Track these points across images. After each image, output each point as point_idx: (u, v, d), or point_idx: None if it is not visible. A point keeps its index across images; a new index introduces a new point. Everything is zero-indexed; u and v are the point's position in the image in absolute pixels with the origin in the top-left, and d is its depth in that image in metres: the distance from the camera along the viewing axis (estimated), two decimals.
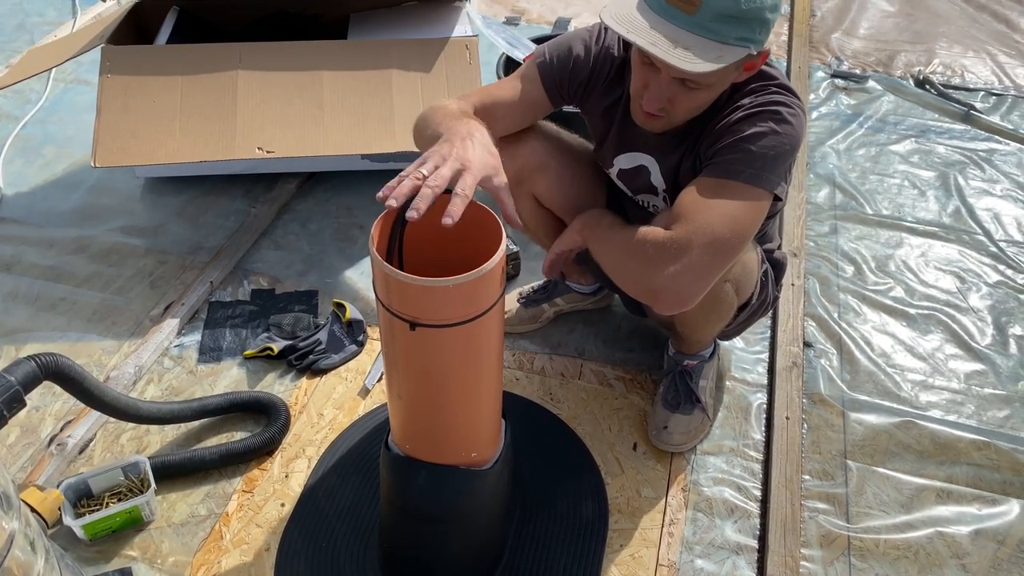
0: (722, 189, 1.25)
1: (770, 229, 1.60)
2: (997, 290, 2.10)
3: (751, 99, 1.30)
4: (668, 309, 1.27)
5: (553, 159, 1.57)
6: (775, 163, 1.26)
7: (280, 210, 2.28)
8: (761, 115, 1.27)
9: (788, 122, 1.27)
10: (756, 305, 1.59)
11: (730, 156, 1.27)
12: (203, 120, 2.03)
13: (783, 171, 1.27)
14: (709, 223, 1.23)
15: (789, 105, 1.29)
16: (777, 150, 1.25)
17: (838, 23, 3.32)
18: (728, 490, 1.62)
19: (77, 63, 2.18)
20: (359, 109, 2.10)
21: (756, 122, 1.27)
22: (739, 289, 1.50)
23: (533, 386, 1.81)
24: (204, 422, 1.70)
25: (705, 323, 1.59)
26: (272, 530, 1.51)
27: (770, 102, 1.28)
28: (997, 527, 1.57)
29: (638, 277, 1.29)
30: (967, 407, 1.80)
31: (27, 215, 2.25)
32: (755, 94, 1.30)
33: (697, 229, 1.23)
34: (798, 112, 1.29)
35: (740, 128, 1.27)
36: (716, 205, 1.24)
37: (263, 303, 1.99)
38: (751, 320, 1.66)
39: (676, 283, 1.24)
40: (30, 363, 1.28)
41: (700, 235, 1.23)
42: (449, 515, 1.32)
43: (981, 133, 2.69)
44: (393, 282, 1.05)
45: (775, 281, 1.63)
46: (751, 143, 1.25)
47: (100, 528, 1.47)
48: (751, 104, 1.29)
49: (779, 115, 1.27)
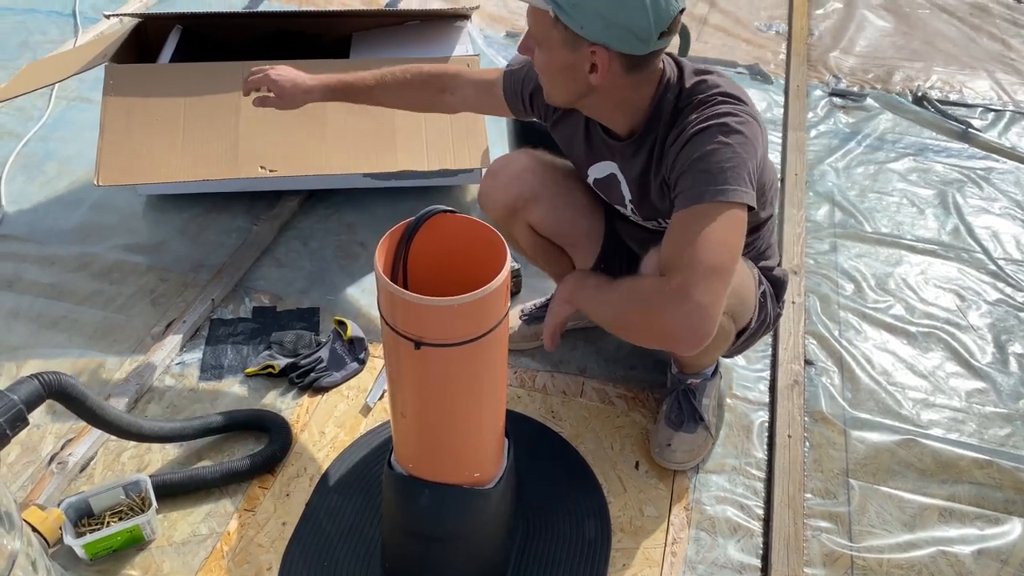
0: (695, 218, 1.27)
1: (766, 246, 1.60)
2: (997, 308, 2.10)
3: (697, 114, 1.31)
4: (691, 349, 1.26)
5: (546, 188, 1.59)
6: (735, 175, 1.26)
7: (282, 228, 2.28)
8: (709, 131, 1.28)
9: (737, 131, 1.28)
10: (756, 327, 1.59)
11: (691, 181, 1.28)
12: (206, 139, 2.04)
13: (745, 179, 1.27)
14: (698, 256, 1.24)
15: (735, 113, 1.29)
16: (733, 161, 1.26)
17: (836, 42, 3.35)
18: (731, 509, 1.61)
19: (80, 80, 2.19)
20: (361, 128, 2.11)
21: (706, 140, 1.28)
22: (736, 317, 1.51)
23: (535, 404, 1.81)
24: (205, 440, 1.69)
25: (704, 354, 1.59)
26: (274, 549, 1.51)
27: (716, 115, 1.29)
28: (1000, 546, 1.56)
29: (649, 327, 1.29)
30: (968, 425, 1.80)
31: (29, 232, 2.25)
32: (701, 107, 1.31)
33: (690, 265, 1.24)
34: (746, 117, 1.30)
35: (693, 150, 1.29)
36: (697, 235, 1.25)
37: (264, 321, 1.99)
38: (752, 340, 1.66)
39: (691, 322, 1.24)
40: (33, 382, 1.28)
41: (695, 271, 1.23)
42: (452, 535, 1.32)
43: (979, 152, 2.70)
44: (398, 301, 1.05)
45: (776, 299, 1.64)
46: (706, 163, 1.27)
47: (101, 547, 1.46)
48: (698, 120, 1.30)
49: (726, 127, 1.28)
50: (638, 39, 1.24)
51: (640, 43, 1.25)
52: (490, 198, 1.64)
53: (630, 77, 1.31)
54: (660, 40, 1.26)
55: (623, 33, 1.23)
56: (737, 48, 3.29)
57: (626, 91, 1.34)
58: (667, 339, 1.28)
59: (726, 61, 3.16)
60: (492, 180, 1.64)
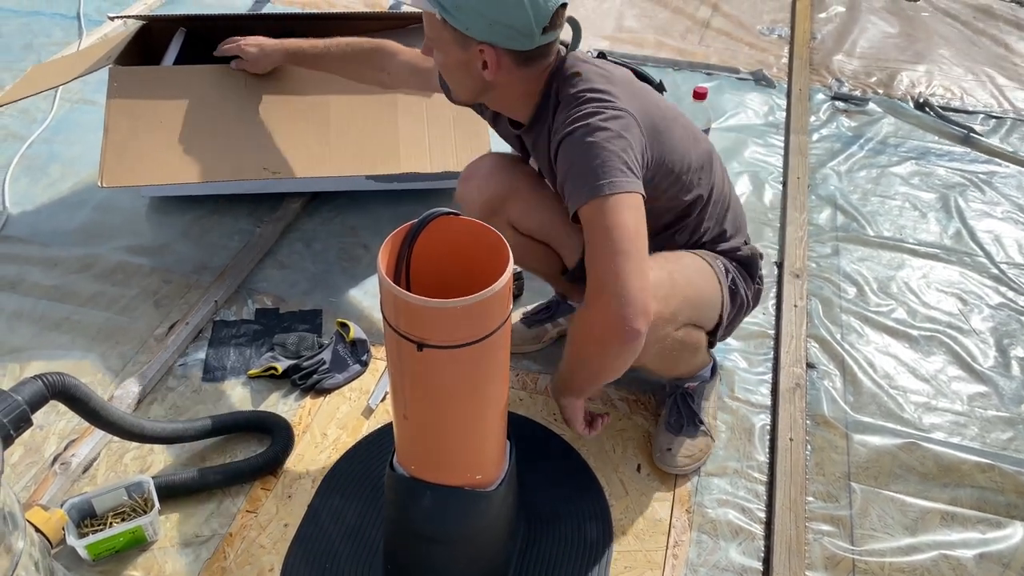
0: (586, 221, 1.30)
1: (715, 227, 1.59)
2: (999, 312, 2.10)
3: (565, 114, 1.35)
4: (634, 339, 1.27)
5: (519, 183, 1.62)
6: (607, 169, 1.28)
7: (285, 230, 2.29)
8: (575, 134, 1.32)
9: (602, 128, 1.30)
10: (733, 314, 1.60)
11: (571, 187, 1.32)
12: (209, 141, 2.04)
13: (621, 169, 1.28)
14: (598, 253, 1.28)
15: (599, 111, 1.32)
16: (601, 157, 1.28)
17: (838, 45, 3.35)
18: (732, 512, 1.61)
19: (83, 82, 2.19)
20: (365, 131, 2.11)
21: (573, 145, 1.32)
22: (701, 323, 1.54)
23: (537, 407, 1.81)
24: (208, 441, 1.69)
25: (677, 368, 1.63)
26: (276, 550, 1.51)
27: (579, 117, 1.32)
28: (1002, 550, 1.56)
29: (597, 341, 1.31)
30: (971, 429, 1.80)
31: (32, 234, 2.26)
32: (568, 107, 1.35)
33: (595, 264, 1.28)
34: (611, 112, 1.32)
35: (564, 158, 1.33)
36: (593, 234, 1.28)
37: (267, 322, 1.99)
38: (734, 324, 1.67)
39: (616, 310, 1.25)
40: (37, 382, 1.28)
41: (602, 266, 1.27)
42: (454, 536, 1.32)
43: (981, 156, 2.71)
44: (401, 303, 1.05)
45: (750, 278, 1.64)
46: (578, 167, 1.30)
47: (103, 548, 1.47)
48: (565, 122, 1.34)
49: (588, 126, 1.30)
50: (522, 35, 1.29)
51: (524, 39, 1.30)
52: (467, 201, 1.67)
53: (523, 71, 1.37)
54: (544, 35, 1.31)
55: (506, 31, 1.28)
56: (739, 52, 3.29)
57: (522, 84, 1.39)
58: (609, 337, 1.29)
59: (728, 67, 3.17)
60: (466, 184, 1.68)
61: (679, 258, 1.52)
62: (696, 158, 1.49)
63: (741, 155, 2.66)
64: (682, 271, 1.49)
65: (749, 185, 2.53)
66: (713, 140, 2.58)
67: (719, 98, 2.94)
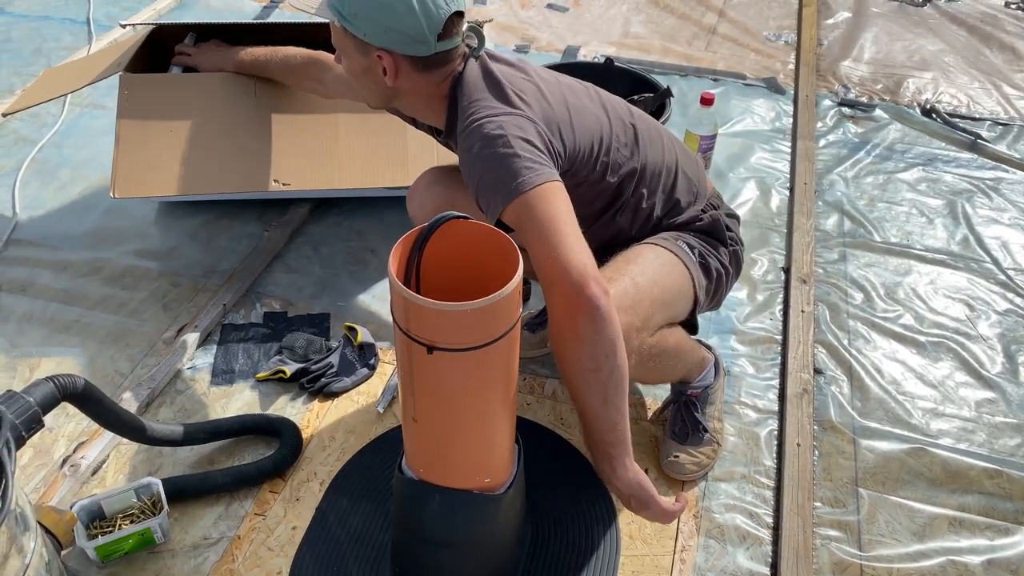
0: (515, 226, 1.29)
1: (673, 198, 1.56)
2: (1007, 318, 2.10)
3: (461, 125, 1.36)
4: (593, 313, 1.21)
5: (459, 192, 1.59)
6: (511, 171, 1.28)
7: (293, 234, 2.30)
8: (473, 148, 1.33)
9: (494, 136, 1.30)
10: (712, 287, 1.58)
11: (484, 201, 1.32)
12: (220, 150, 2.05)
13: (524, 167, 1.28)
14: (532, 240, 1.25)
15: (487, 122, 1.33)
16: (504, 163, 1.28)
17: (845, 52, 3.36)
18: (740, 517, 1.61)
19: (93, 87, 2.20)
20: (373, 142, 2.13)
21: (471, 158, 1.33)
22: (674, 319, 1.51)
23: (544, 411, 1.81)
24: (216, 444, 1.70)
25: (668, 373, 1.62)
26: (284, 554, 1.51)
27: (473, 129, 1.33)
28: (1010, 557, 1.56)
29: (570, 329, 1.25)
30: (978, 435, 1.80)
31: (42, 237, 2.27)
32: (463, 119, 1.36)
33: (535, 252, 1.25)
34: (499, 121, 1.32)
35: (468, 174, 1.34)
36: (525, 237, 1.26)
37: (275, 326, 2.00)
38: (722, 291, 1.64)
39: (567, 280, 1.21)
40: (49, 384, 1.29)
41: (538, 250, 1.24)
42: (462, 540, 1.32)
43: (988, 162, 2.71)
44: (412, 306, 1.06)
45: (720, 244, 1.60)
46: (486, 179, 1.31)
47: (112, 550, 1.47)
48: (462, 131, 1.35)
49: (484, 137, 1.31)
50: (416, 41, 1.32)
51: (420, 45, 1.33)
52: (413, 217, 1.71)
53: (424, 77, 1.39)
54: (441, 42, 1.33)
55: (400, 37, 1.31)
56: (746, 58, 3.30)
57: (426, 89, 1.42)
58: (575, 318, 1.22)
59: (734, 73, 3.18)
60: (410, 201, 1.73)
61: (637, 256, 1.48)
62: (620, 135, 1.48)
63: (748, 161, 2.67)
64: (643, 271, 1.43)
65: (756, 191, 2.53)
66: (719, 145, 2.61)
67: (726, 104, 2.95)
